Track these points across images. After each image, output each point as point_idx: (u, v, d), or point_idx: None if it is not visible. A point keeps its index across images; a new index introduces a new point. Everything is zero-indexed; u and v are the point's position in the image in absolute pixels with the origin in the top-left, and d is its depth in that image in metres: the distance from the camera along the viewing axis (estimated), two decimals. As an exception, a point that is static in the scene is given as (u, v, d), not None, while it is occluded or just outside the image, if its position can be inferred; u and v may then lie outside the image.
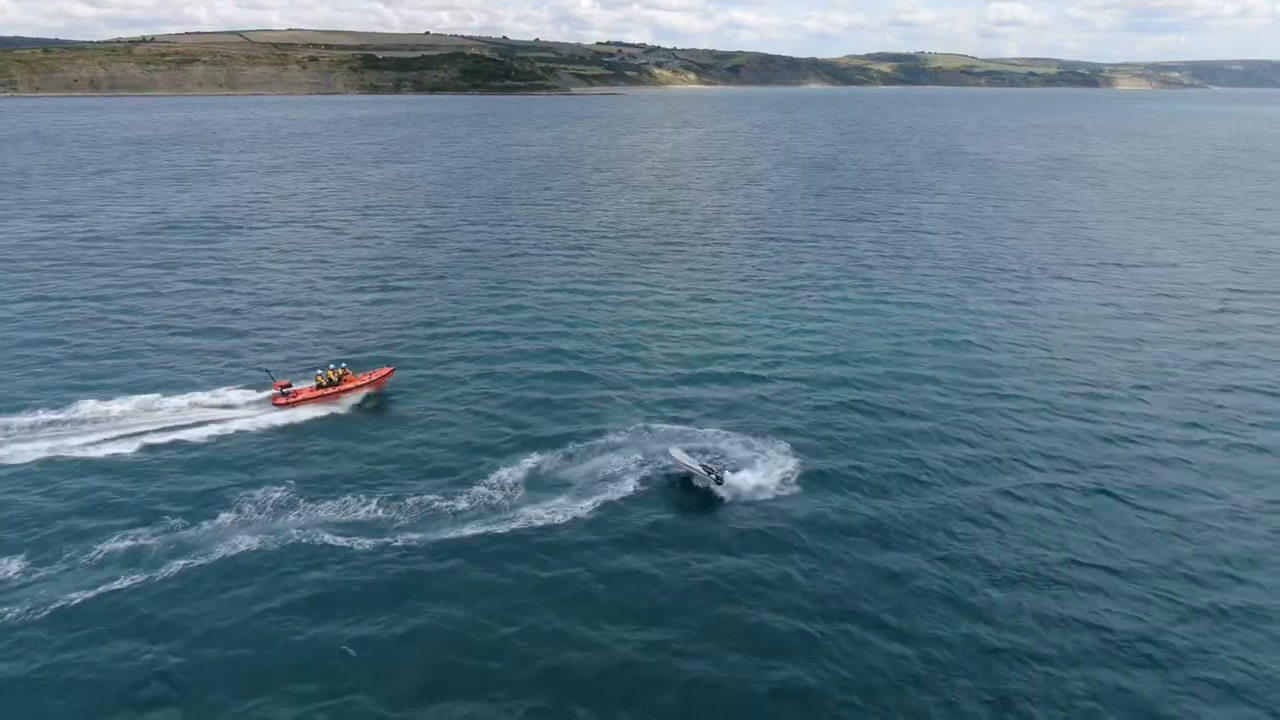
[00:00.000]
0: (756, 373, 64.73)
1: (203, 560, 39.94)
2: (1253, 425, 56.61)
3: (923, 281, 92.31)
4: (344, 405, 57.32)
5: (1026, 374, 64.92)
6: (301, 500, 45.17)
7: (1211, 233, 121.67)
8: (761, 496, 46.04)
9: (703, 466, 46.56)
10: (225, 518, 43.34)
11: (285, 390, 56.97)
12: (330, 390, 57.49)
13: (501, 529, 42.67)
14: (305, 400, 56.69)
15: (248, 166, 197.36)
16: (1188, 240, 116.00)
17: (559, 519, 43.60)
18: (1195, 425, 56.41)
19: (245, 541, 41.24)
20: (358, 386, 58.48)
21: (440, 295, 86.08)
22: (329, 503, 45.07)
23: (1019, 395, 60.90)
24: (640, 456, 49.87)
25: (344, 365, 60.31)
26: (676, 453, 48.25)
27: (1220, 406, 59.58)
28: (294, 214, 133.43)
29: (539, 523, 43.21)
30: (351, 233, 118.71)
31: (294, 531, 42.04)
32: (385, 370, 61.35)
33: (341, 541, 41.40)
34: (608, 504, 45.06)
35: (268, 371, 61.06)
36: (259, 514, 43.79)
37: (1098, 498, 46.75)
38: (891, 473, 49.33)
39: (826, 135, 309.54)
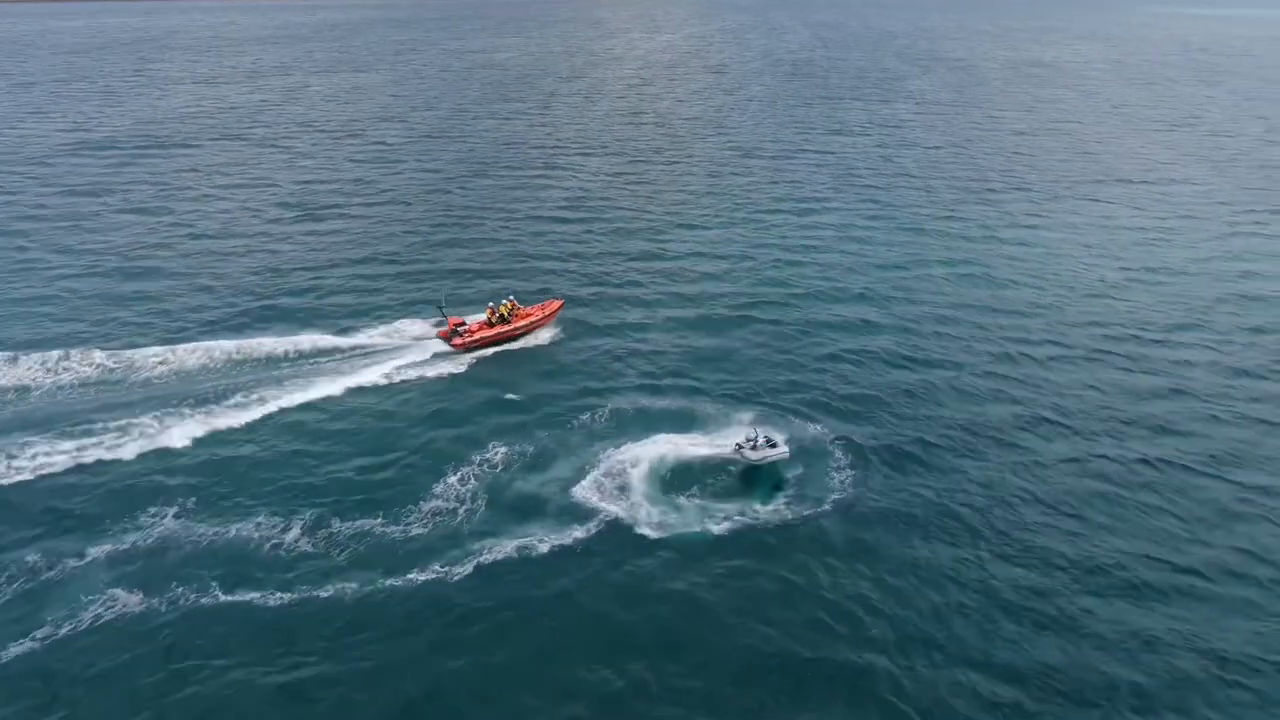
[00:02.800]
0: (750, 314, 58.34)
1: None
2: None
3: (924, 202, 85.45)
4: (519, 344, 52.47)
5: (1055, 312, 59.02)
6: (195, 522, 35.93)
7: (1218, 145, 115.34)
8: (781, 491, 38.25)
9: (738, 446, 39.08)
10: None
11: (459, 329, 51.00)
12: (504, 328, 51.91)
13: (455, 570, 32.69)
14: (480, 340, 50.91)
15: (196, 77, 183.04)
16: (1195, 154, 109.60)
17: (527, 549, 33.80)
18: (1243, 374, 51.02)
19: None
20: (531, 323, 53.00)
21: (396, 225, 77.79)
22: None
23: (1049, 339, 55.10)
24: (628, 448, 40.20)
25: (511, 296, 54.67)
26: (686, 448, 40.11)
27: (1264, 349, 54.42)
28: (236, 130, 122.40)
29: (499, 555, 33.46)
30: (299, 150, 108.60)
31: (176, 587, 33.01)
32: (556, 302, 55.74)
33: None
34: (593, 523, 35.36)
35: (440, 307, 53.30)
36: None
37: (1161, 469, 41.18)
38: (922, 439, 43.23)
39: (803, 39, 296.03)
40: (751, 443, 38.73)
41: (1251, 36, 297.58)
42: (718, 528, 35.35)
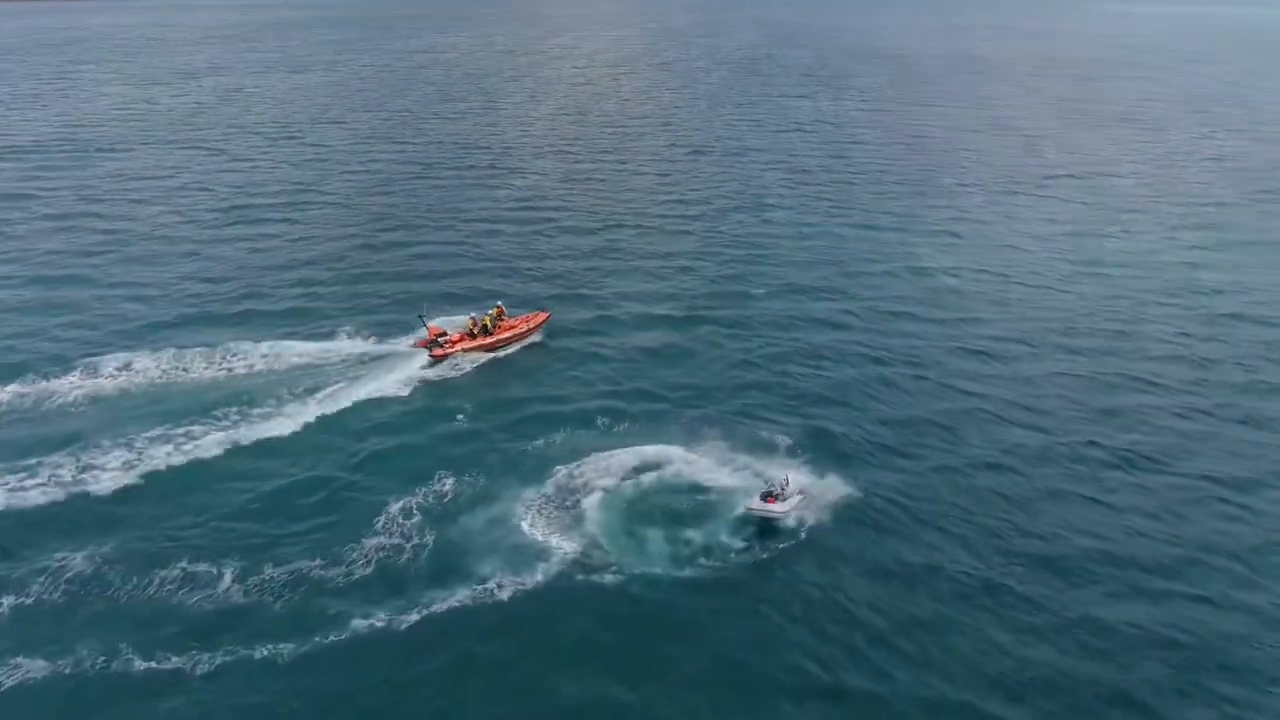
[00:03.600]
0: (708, 314, 56.84)
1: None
2: (1265, 361, 51.49)
3: (876, 199, 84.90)
4: (501, 354, 49.50)
5: (1014, 308, 58.65)
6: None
7: (1159, 140, 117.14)
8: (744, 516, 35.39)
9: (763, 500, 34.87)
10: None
11: (440, 339, 47.97)
12: (486, 339, 48.84)
13: (402, 616, 29.26)
14: (460, 351, 48.02)
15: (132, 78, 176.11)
16: (1139, 149, 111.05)
17: (480, 586, 30.69)
18: (1204, 365, 50.86)
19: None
20: (515, 334, 50.01)
21: (339, 229, 74.72)
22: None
23: (1010, 335, 54.45)
24: (586, 471, 37.20)
25: (499, 304, 51.48)
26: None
27: (1222, 341, 54.38)
28: (168, 133, 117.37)
29: (449, 596, 30.18)
30: (234, 154, 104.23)
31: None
32: (542, 314, 52.82)
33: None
34: (551, 558, 32.23)
35: (420, 316, 50.00)
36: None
37: (1131, 471, 40.30)
38: (888, 445, 41.78)
39: (749, 38, 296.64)
40: (783, 488, 35.05)
41: (1182, 33, 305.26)
42: (683, 552, 33.14)
